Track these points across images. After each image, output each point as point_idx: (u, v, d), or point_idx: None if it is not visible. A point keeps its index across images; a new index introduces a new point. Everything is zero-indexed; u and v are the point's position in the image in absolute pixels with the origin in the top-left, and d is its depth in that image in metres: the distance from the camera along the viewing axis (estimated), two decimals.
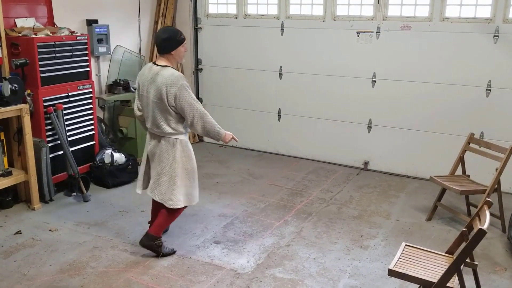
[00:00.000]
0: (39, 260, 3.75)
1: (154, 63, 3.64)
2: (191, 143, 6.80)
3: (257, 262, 3.80)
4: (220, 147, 6.85)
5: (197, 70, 6.90)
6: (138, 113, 3.85)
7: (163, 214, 3.80)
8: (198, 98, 6.98)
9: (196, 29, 6.73)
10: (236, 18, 6.43)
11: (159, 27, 6.53)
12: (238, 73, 6.58)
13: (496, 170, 4.24)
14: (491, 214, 3.94)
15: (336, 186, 5.44)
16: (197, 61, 6.86)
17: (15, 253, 3.84)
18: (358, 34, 5.69)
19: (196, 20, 6.72)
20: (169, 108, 3.53)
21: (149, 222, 4.14)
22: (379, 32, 5.57)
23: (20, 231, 4.20)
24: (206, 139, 7.07)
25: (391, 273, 2.86)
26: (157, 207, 3.94)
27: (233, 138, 3.79)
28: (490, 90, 5.16)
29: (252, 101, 6.56)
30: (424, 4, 5.32)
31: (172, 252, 3.89)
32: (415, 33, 5.39)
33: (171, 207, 3.72)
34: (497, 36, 5.01)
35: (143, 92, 3.67)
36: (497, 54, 5.05)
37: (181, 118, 3.62)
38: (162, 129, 3.61)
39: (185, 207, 3.83)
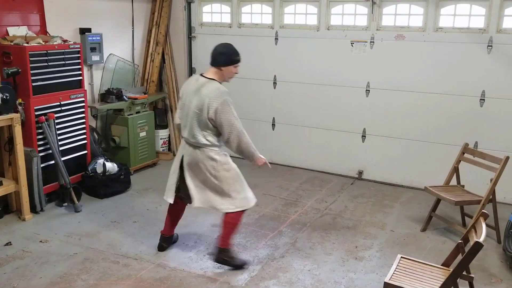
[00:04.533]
0: (29, 272, 3.69)
1: (202, 75, 3.66)
2: None
3: (251, 274, 3.75)
4: None
5: None
6: (177, 121, 3.84)
7: (223, 222, 3.75)
8: None
9: (190, 38, 6.71)
10: (230, 27, 6.42)
11: (152, 36, 6.51)
12: (232, 82, 6.47)
13: (491, 180, 4.23)
14: (486, 225, 3.92)
15: (330, 196, 5.41)
16: (191, 70, 6.84)
17: (4, 265, 3.77)
18: (352, 43, 5.69)
19: (190, 29, 6.70)
20: (207, 120, 3.51)
21: (161, 232, 4.07)
22: (373, 42, 5.57)
23: (10, 242, 4.14)
24: None
25: (387, 286, 2.83)
26: (176, 212, 3.99)
27: (265, 163, 3.76)
28: (484, 100, 5.17)
29: (246, 110, 6.52)
30: (418, 14, 5.34)
31: (244, 263, 3.85)
32: (409, 43, 5.40)
33: (226, 211, 3.66)
34: (491, 46, 5.02)
35: (185, 101, 3.66)
36: (490, 64, 5.06)
37: (217, 132, 3.60)
38: (197, 139, 3.59)
39: (243, 211, 3.73)
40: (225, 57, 3.66)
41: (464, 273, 2.79)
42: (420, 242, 4.35)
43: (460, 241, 2.96)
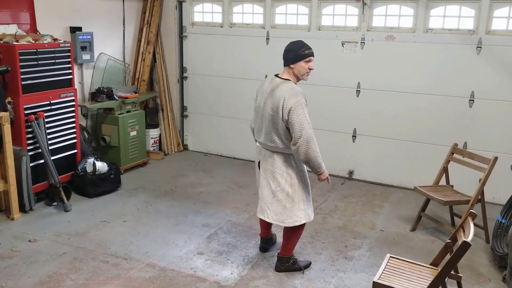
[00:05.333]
0: (17, 272, 3.66)
1: (277, 76, 3.54)
2: (176, 151, 6.83)
3: (241, 273, 3.75)
4: (205, 155, 6.80)
5: (182, 78, 6.86)
6: (252, 125, 3.75)
7: (285, 234, 3.72)
8: (183, 106, 6.94)
9: (181, 37, 6.70)
10: (222, 27, 6.42)
11: (144, 35, 6.49)
12: (223, 81, 6.56)
13: (480, 180, 4.26)
14: (475, 225, 3.96)
15: (321, 195, 5.42)
16: (182, 70, 6.82)
17: None
18: (343, 44, 5.71)
19: (181, 28, 6.69)
20: (282, 122, 3.39)
21: (260, 235, 4.07)
22: (364, 43, 5.60)
23: None
24: (190, 147, 7.02)
25: (376, 285, 2.84)
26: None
27: (327, 179, 3.62)
28: (473, 100, 5.21)
29: (237, 109, 6.53)
30: (408, 15, 5.37)
31: (309, 263, 3.87)
32: (399, 44, 5.43)
33: (291, 225, 3.59)
34: (480, 47, 5.07)
35: (259, 103, 3.55)
36: (480, 65, 5.10)
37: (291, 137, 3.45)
38: (276, 143, 3.48)
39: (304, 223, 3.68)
40: (292, 53, 3.44)
41: (453, 272, 2.81)
42: (409, 241, 4.38)
43: (449, 240, 2.98)
